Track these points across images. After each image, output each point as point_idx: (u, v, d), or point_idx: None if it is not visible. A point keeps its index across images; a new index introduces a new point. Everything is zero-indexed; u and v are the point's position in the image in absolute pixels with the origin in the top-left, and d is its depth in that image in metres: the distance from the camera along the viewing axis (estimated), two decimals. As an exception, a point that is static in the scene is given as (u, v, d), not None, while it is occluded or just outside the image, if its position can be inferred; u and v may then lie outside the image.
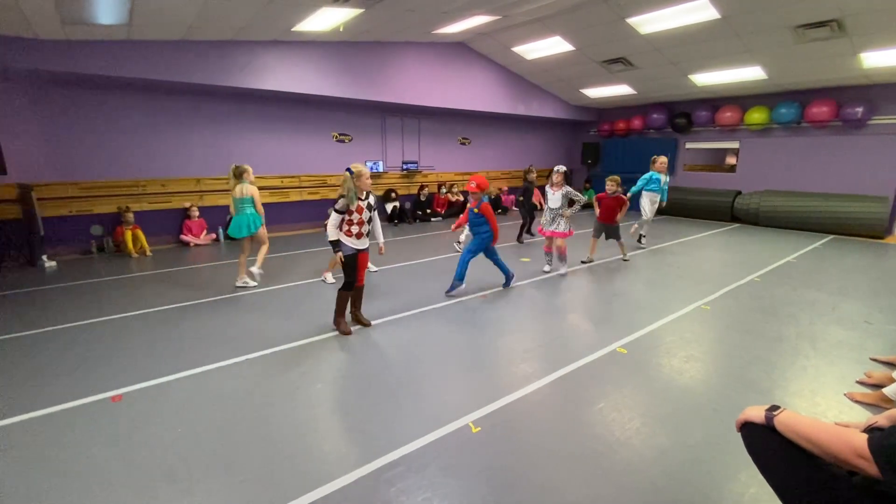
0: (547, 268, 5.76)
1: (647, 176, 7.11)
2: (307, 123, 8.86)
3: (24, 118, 6.33)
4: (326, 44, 7.67)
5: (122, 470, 2.15)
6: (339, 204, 3.56)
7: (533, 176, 7.75)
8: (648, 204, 7.17)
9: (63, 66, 5.69)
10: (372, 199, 3.75)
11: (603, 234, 6.32)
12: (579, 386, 2.96)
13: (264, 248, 5.17)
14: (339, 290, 3.79)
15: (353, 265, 3.72)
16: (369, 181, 3.65)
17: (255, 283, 5.17)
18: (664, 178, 7.17)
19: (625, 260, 6.39)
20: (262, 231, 5.08)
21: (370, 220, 3.76)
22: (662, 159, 7.15)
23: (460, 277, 4.80)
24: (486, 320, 4.15)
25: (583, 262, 6.23)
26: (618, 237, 6.26)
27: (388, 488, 2.02)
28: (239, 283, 5.13)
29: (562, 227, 5.41)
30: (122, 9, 5.01)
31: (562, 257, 5.55)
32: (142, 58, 6.13)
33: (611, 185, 6.15)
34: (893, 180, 8.33)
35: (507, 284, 5.09)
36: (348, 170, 3.58)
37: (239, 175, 4.89)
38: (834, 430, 1.18)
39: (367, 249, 3.84)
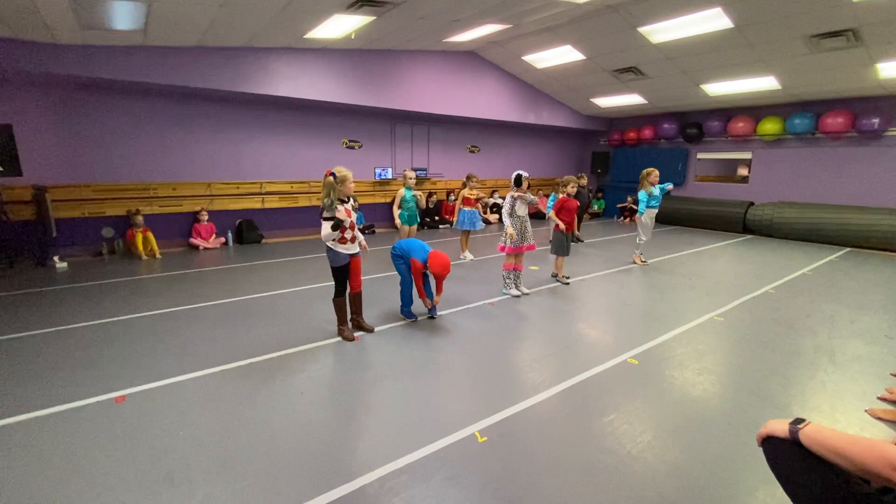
0: (525, 290, 5.12)
1: (643, 194, 6.35)
2: (317, 130, 8.92)
3: (40, 121, 6.45)
4: (338, 51, 7.75)
5: (123, 471, 2.12)
6: (330, 212, 3.44)
7: (585, 181, 6.85)
8: (650, 222, 6.51)
9: (81, 71, 5.79)
10: (353, 200, 3.70)
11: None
12: (589, 397, 2.88)
13: None
14: (333, 298, 3.77)
15: (345, 271, 3.70)
16: (352, 185, 3.61)
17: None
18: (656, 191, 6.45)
19: (567, 280, 5.63)
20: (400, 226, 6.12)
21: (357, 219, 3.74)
22: (657, 171, 6.40)
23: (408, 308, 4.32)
24: (494, 328, 4.09)
25: (563, 282, 5.59)
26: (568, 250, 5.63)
27: (392, 497, 1.96)
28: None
29: (530, 238, 5.03)
30: (138, 14, 5.09)
31: (520, 274, 5.13)
32: (157, 63, 6.23)
33: (574, 187, 5.56)
34: (911, 193, 8.17)
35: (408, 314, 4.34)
36: (332, 174, 3.43)
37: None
38: (866, 443, 1.12)
39: (359, 254, 3.82)
